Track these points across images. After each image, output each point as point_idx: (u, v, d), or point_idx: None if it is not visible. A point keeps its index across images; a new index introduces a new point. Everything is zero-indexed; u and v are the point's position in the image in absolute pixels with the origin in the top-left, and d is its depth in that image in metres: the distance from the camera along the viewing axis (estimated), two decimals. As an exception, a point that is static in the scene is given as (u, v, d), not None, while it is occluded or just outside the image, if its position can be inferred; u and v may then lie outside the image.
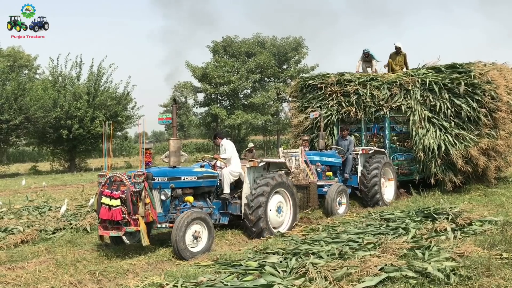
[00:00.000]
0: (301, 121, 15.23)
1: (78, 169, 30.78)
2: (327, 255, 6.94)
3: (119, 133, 36.15)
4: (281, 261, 6.78)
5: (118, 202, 7.53)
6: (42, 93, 28.70)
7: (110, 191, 7.65)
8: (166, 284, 6.04)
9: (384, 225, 9.22)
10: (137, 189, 7.55)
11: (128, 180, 7.66)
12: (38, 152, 39.10)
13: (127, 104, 33.81)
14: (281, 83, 44.35)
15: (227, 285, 5.83)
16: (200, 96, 43.44)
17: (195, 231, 7.79)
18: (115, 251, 7.93)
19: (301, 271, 6.15)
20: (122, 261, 7.41)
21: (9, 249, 8.44)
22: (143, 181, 7.60)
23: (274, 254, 7.29)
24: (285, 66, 46.75)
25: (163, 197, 8.06)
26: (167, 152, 11.76)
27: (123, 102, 33.12)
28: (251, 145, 22.36)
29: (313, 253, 7.09)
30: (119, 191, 7.59)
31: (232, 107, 42.41)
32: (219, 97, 42.95)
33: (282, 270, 6.30)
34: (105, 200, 7.65)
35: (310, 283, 5.73)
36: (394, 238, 7.90)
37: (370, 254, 6.74)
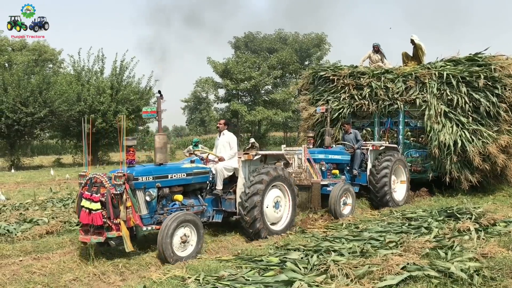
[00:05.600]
0: (311, 113, 14.78)
1: (100, 163, 31.12)
2: (349, 253, 6.92)
3: (140, 127, 36.45)
4: (302, 258, 6.79)
5: (98, 205, 6.99)
6: (66, 87, 29.04)
7: (90, 194, 7.10)
8: (188, 277, 6.11)
9: (406, 224, 9.14)
10: (118, 192, 7.00)
11: (108, 181, 7.09)
12: (61, 145, 39.67)
13: (149, 99, 34.06)
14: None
15: (248, 280, 5.86)
16: (221, 92, 43.66)
17: (183, 235, 7.28)
18: (138, 244, 8.01)
19: (322, 268, 6.15)
20: (144, 254, 7.49)
21: (34, 239, 8.61)
22: (124, 183, 7.05)
23: (295, 250, 7.29)
24: (307, 63, 46.69)
25: (148, 198, 7.51)
26: (189, 146, 11.75)
27: (145, 97, 33.37)
28: (252, 140, 18.96)
29: (334, 251, 7.08)
30: (99, 194, 7.05)
31: (253, 103, 42.49)
32: (240, 93, 43.01)
33: (303, 267, 6.31)
34: (85, 203, 7.10)
35: (332, 280, 5.73)
36: (416, 237, 7.84)
37: (392, 253, 6.71)
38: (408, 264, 6.13)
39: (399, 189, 12.50)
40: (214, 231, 9.12)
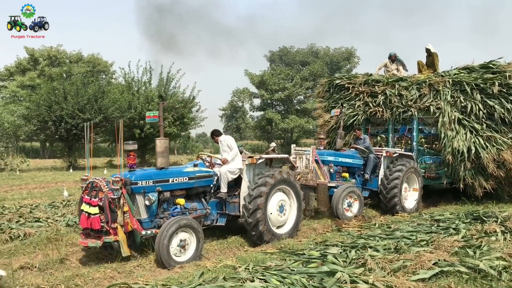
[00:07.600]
0: (326, 120, 14.31)
1: (148, 165, 31.81)
2: (383, 249, 7.03)
3: (183, 133, 37.07)
4: (340, 252, 6.94)
5: (96, 210, 6.70)
6: (119, 96, 29.87)
7: (89, 198, 6.81)
8: (239, 266, 6.35)
9: (435, 225, 9.13)
10: (116, 196, 6.70)
11: (106, 186, 6.77)
12: (111, 148, 40.65)
13: (192, 107, 34.68)
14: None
15: (294, 270, 6.04)
16: (257, 101, 44.15)
17: (182, 240, 6.87)
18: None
19: (360, 261, 6.31)
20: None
21: (99, 230, 9.00)
22: (121, 188, 6.75)
23: (333, 246, 7.45)
24: (337, 75, 46.59)
25: (147, 202, 7.13)
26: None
27: (189, 106, 33.99)
28: (273, 144, 16.74)
29: (370, 247, 7.21)
30: (97, 198, 6.74)
31: (286, 112, 42.76)
32: (274, 102, 43.39)
33: (342, 260, 6.47)
34: (84, 207, 6.83)
35: (369, 272, 5.88)
36: (445, 237, 7.86)
37: (424, 250, 6.80)
38: (439, 260, 6.22)
39: (410, 197, 11.86)
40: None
